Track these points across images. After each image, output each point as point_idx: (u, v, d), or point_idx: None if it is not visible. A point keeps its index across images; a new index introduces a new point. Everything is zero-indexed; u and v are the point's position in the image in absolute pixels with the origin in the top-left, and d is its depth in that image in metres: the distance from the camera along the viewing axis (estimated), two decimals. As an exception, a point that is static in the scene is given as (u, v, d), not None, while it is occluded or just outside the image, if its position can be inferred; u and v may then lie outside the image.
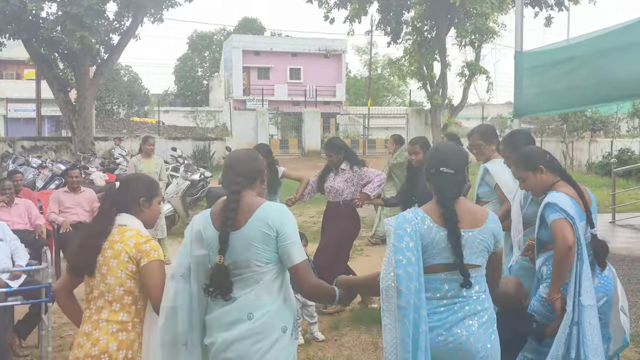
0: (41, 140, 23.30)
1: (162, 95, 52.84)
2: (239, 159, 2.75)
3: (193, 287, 2.59)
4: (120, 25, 20.16)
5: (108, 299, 2.72)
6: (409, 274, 2.58)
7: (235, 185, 2.62)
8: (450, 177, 2.75)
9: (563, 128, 28.86)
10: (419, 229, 2.66)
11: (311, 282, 2.62)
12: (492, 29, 24.35)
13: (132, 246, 2.73)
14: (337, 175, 6.04)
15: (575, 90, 9.29)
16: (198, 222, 2.66)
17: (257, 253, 2.55)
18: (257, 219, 2.56)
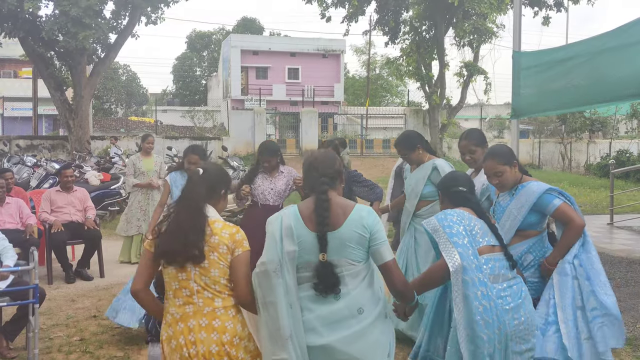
0: (37, 139, 23.21)
1: (161, 95, 52.75)
2: (320, 160, 2.84)
3: (289, 281, 2.65)
4: (118, 24, 20.05)
5: (216, 289, 2.74)
6: (467, 252, 3.00)
7: (323, 185, 2.73)
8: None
9: (561, 129, 28.84)
10: (463, 217, 3.15)
11: (402, 279, 2.77)
12: (491, 29, 24.29)
13: (227, 237, 2.75)
14: (275, 178, 5.58)
15: (573, 90, 9.23)
16: (288, 217, 2.71)
17: (352, 253, 2.66)
18: (352, 221, 2.68)
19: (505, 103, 48.29)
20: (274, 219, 2.75)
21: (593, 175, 22.61)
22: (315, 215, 2.66)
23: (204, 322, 2.70)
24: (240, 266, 2.74)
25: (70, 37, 17.26)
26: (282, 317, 2.61)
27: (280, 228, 2.68)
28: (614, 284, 6.89)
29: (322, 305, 2.65)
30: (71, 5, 16.88)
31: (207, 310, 2.72)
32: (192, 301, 2.73)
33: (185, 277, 2.74)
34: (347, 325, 2.63)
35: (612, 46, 8.35)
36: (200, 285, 2.72)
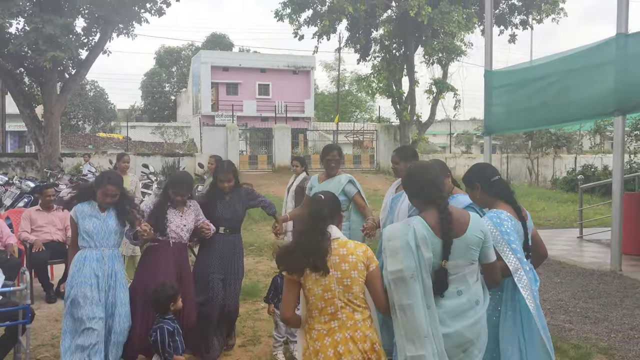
0: (6, 156, 22.80)
1: (129, 111, 52.26)
2: (435, 173, 3.14)
3: (426, 285, 2.92)
4: (89, 40, 19.95)
5: (356, 304, 3.06)
6: (522, 256, 3.31)
7: (443, 198, 3.06)
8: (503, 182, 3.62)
9: (528, 144, 29.54)
10: (515, 225, 3.37)
11: (498, 278, 3.22)
12: (459, 47, 24.86)
13: (361, 255, 3.08)
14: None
15: (543, 109, 9.57)
16: (420, 228, 2.96)
17: (473, 254, 3.04)
18: (473, 227, 3.05)
19: (471, 119, 49.22)
20: (402, 231, 2.98)
21: (560, 189, 23.19)
22: (441, 225, 2.97)
23: (349, 334, 3.01)
24: (377, 279, 3.06)
25: (39, 55, 17.10)
26: (419, 318, 2.88)
27: (414, 238, 2.93)
28: (587, 296, 7.14)
29: (448, 301, 3.00)
30: (44, 23, 16.76)
31: (350, 323, 3.03)
32: (337, 317, 3.04)
33: (330, 296, 3.03)
34: (468, 316, 3.02)
35: (579, 67, 8.72)
36: (343, 301, 3.03)
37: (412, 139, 26.60)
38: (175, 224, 4.92)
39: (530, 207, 17.38)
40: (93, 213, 4.60)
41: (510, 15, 26.09)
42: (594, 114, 9.41)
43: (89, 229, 4.55)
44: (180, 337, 4.33)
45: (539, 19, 25.38)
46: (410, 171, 3.22)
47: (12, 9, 16.83)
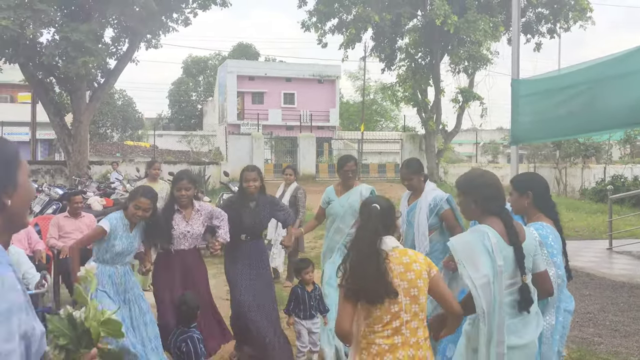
0: (36, 164, 23.23)
1: (156, 119, 52.91)
2: (498, 183, 3.18)
3: (501, 291, 2.93)
4: (117, 50, 20.29)
5: (421, 318, 2.94)
6: (563, 273, 3.43)
7: (505, 208, 3.11)
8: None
9: (555, 154, 29.14)
10: (557, 240, 3.47)
11: (550, 287, 3.21)
12: (485, 56, 24.71)
13: (423, 262, 2.97)
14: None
15: (570, 118, 9.41)
16: (493, 236, 2.98)
17: (529, 262, 3.08)
18: (529, 235, 3.13)
19: (498, 128, 48.73)
20: (477, 238, 2.99)
21: (588, 200, 22.79)
22: (509, 233, 3.00)
23: (411, 353, 2.87)
24: (441, 282, 3.02)
25: (69, 62, 17.42)
26: (489, 325, 2.91)
27: (490, 244, 2.94)
28: (617, 309, 6.99)
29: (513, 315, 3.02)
30: (72, 31, 17.09)
31: (412, 341, 2.89)
32: (400, 332, 2.88)
33: (397, 309, 2.88)
34: (531, 321, 3.08)
35: (610, 75, 8.55)
36: (409, 314, 2.89)
37: (438, 148, 26.44)
38: (179, 230, 4.89)
39: (558, 217, 17.11)
40: (124, 231, 4.62)
41: (537, 24, 25.87)
42: (624, 123, 9.22)
43: (118, 250, 4.60)
44: (202, 344, 4.45)
45: (567, 27, 25.11)
46: (477, 180, 3.20)
47: (43, 19, 17.19)
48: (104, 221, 4.61)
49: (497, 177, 3.26)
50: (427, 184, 5.11)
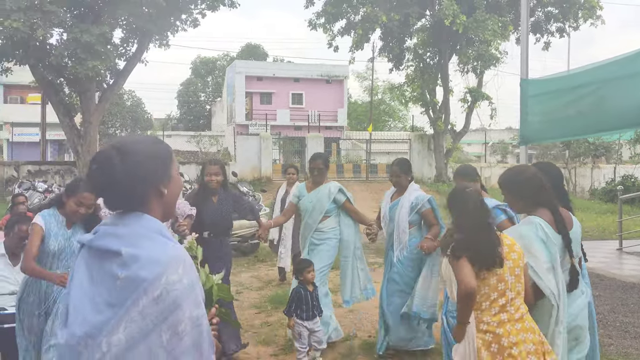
0: (46, 164, 23.39)
1: (165, 120, 53.08)
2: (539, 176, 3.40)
3: (562, 276, 3.23)
4: (126, 50, 20.39)
5: (521, 296, 3.15)
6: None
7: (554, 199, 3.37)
8: None
9: (565, 154, 29.00)
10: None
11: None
12: (494, 55, 24.61)
13: (519, 250, 3.18)
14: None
15: (580, 118, 9.35)
16: (545, 226, 3.24)
17: (578, 247, 3.45)
18: (576, 224, 3.46)
19: (507, 128, 48.54)
20: (529, 229, 3.24)
21: (598, 200, 22.66)
22: (557, 222, 3.27)
23: (518, 326, 3.06)
24: (527, 272, 3.20)
25: (78, 64, 17.51)
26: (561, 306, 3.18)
27: (545, 234, 3.21)
28: (627, 310, 6.94)
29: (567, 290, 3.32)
30: (82, 33, 17.18)
31: (517, 316, 3.07)
32: (506, 309, 3.07)
33: (503, 287, 3.07)
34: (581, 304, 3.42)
35: (620, 75, 8.48)
36: (514, 292, 3.09)
37: (447, 148, 26.37)
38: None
39: (568, 218, 17.05)
40: (59, 229, 3.96)
41: (546, 23, 25.75)
42: (634, 123, 9.16)
43: (53, 249, 3.93)
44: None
45: (576, 26, 24.98)
46: (519, 177, 3.43)
47: (52, 20, 17.28)
48: (36, 218, 3.94)
49: (537, 170, 3.46)
50: (411, 185, 5.49)
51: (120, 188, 1.71)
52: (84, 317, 1.62)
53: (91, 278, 1.68)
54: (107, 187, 1.73)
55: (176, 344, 1.59)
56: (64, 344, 1.64)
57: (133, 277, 1.60)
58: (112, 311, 1.59)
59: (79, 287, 1.68)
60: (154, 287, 1.59)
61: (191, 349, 1.61)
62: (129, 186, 1.71)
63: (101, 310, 1.60)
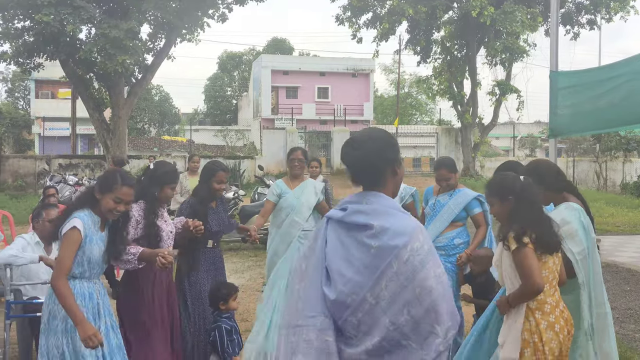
0: (76, 158, 23.78)
1: (192, 114, 53.54)
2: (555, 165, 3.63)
3: (595, 263, 3.34)
4: (154, 46, 20.60)
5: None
6: None
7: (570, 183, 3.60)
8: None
9: (595, 147, 28.51)
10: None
11: None
12: (523, 47, 24.27)
13: None
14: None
15: (611, 111, 9.18)
16: (583, 215, 3.37)
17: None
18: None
19: (536, 121, 47.88)
20: (573, 214, 3.33)
21: (630, 194, 22.23)
22: (585, 206, 3.40)
23: (562, 305, 3.19)
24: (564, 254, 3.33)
25: (107, 59, 17.75)
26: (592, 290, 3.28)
27: (586, 221, 3.32)
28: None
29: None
30: (110, 28, 17.41)
31: (557, 296, 3.20)
32: (557, 289, 3.21)
33: (555, 269, 3.19)
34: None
35: (652, 66, 8.34)
36: (555, 274, 3.19)
37: (474, 141, 26.12)
38: (165, 232, 4.01)
39: (598, 212, 16.76)
40: (96, 231, 3.45)
41: (577, 14, 25.30)
42: (668, 115, 8.99)
43: (96, 256, 3.43)
44: (238, 335, 4.28)
45: (608, 17, 24.49)
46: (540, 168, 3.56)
47: (82, 15, 17.54)
48: (71, 221, 3.34)
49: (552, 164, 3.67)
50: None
51: (371, 166, 2.15)
52: (347, 277, 2.04)
53: (343, 246, 2.10)
54: (361, 165, 2.17)
55: (426, 295, 1.99)
56: (334, 299, 2.04)
57: (385, 246, 2.02)
58: (370, 272, 2.02)
59: (335, 254, 2.10)
60: (403, 253, 2.01)
61: (439, 299, 2.01)
62: (378, 165, 2.15)
63: (360, 271, 2.03)
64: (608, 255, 10.33)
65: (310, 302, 2.07)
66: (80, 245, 3.32)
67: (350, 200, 2.18)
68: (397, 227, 2.05)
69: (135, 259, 3.65)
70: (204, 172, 4.63)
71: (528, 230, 3.03)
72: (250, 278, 8.74)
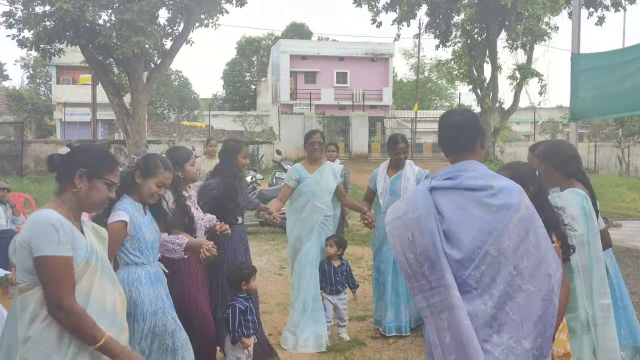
0: (96, 143, 24.02)
1: (211, 100, 53.70)
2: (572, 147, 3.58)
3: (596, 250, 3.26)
4: (173, 30, 20.62)
5: None
6: None
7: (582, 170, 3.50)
8: None
9: (618, 132, 28.09)
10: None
11: None
12: (544, 30, 23.90)
13: None
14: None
15: (635, 93, 9.02)
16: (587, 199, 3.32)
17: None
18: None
19: (558, 106, 47.28)
20: (576, 198, 3.28)
21: (653, 180, 21.91)
22: (590, 192, 3.36)
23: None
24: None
25: (123, 42, 17.84)
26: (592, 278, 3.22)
27: (588, 206, 3.27)
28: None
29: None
30: (126, 11, 17.48)
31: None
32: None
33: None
34: None
35: (677, 47, 8.15)
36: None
37: (494, 126, 25.87)
38: (198, 219, 4.07)
39: (620, 197, 16.53)
40: (140, 216, 3.44)
41: (600, -4, 24.81)
42: (692, 98, 8.80)
43: (148, 239, 3.42)
44: (253, 316, 4.27)
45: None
46: (556, 148, 3.53)
47: (101, 1, 17.61)
48: (118, 212, 3.32)
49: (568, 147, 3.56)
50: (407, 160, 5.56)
51: (470, 132, 2.49)
52: (472, 236, 2.29)
53: (462, 209, 2.34)
54: (461, 131, 2.49)
55: (540, 242, 2.33)
56: (460, 258, 2.28)
57: (505, 204, 2.31)
58: (493, 228, 2.27)
59: (455, 217, 2.33)
60: (520, 208, 2.31)
61: (548, 245, 2.39)
62: (475, 132, 2.49)
63: (483, 229, 2.28)
64: (629, 240, 10.21)
65: (433, 265, 2.30)
66: (132, 232, 3.32)
67: (452, 170, 2.46)
68: (510, 186, 2.37)
69: (182, 249, 3.69)
70: (227, 149, 4.61)
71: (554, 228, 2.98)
72: (267, 261, 8.79)
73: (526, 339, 2.27)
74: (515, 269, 2.27)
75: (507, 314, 2.27)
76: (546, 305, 2.31)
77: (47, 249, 2.29)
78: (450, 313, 2.26)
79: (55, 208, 2.44)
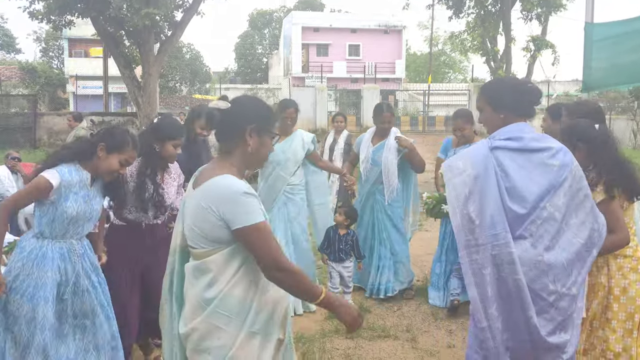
0: (108, 115, 24.10)
1: (223, 73, 53.51)
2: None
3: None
4: (184, 1, 20.49)
5: None
6: None
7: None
8: None
9: (634, 105, 27.71)
10: None
11: None
12: (559, 1, 23.50)
13: None
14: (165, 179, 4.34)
15: (649, 63, 8.86)
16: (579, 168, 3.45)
17: None
18: None
19: (573, 79, 46.62)
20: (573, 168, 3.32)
21: (668, 153, 21.64)
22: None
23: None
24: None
25: (134, 13, 17.78)
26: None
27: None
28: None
29: None
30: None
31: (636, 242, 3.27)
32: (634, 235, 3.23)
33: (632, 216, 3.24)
34: None
35: (693, 15, 7.96)
36: (633, 221, 3.23)
37: (507, 99, 25.63)
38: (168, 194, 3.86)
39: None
40: (80, 188, 3.21)
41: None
42: None
43: (71, 213, 3.17)
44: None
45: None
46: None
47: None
48: (51, 172, 3.11)
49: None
50: (392, 129, 5.68)
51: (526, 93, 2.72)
52: (534, 193, 2.53)
53: (524, 168, 2.57)
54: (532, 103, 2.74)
55: (587, 200, 2.60)
56: (524, 213, 2.52)
57: (563, 163, 2.57)
58: (551, 186, 2.52)
59: (517, 176, 2.55)
60: (573, 168, 2.58)
61: (593, 203, 2.65)
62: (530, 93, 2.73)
63: (543, 186, 2.53)
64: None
65: (489, 221, 2.50)
66: (55, 199, 3.13)
67: (512, 129, 2.66)
68: (563, 147, 2.64)
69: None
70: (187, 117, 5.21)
71: (617, 180, 3.03)
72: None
73: (574, 286, 2.55)
74: (566, 224, 2.54)
75: (562, 265, 2.52)
76: (587, 256, 2.59)
77: (250, 219, 2.23)
78: (503, 267, 2.49)
79: (234, 173, 2.35)
